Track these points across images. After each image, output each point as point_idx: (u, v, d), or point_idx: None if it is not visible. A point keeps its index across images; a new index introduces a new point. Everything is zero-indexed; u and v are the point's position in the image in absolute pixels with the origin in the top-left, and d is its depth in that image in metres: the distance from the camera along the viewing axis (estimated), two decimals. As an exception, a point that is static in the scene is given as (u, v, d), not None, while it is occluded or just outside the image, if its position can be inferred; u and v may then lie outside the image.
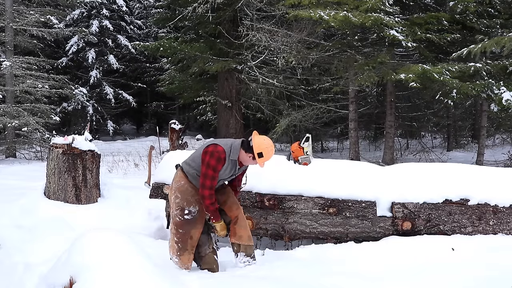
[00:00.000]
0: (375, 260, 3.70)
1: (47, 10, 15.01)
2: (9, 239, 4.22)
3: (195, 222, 3.50)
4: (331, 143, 16.57)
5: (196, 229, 3.51)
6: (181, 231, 3.49)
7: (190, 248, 3.50)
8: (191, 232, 3.49)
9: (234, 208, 3.63)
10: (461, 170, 4.52)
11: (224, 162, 3.39)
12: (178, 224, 3.49)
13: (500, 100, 7.79)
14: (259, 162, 3.41)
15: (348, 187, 4.20)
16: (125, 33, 23.90)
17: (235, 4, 12.33)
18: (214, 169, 3.36)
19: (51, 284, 2.65)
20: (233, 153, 3.44)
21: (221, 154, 3.37)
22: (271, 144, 3.47)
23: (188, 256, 3.51)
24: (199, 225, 3.53)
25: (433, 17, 8.87)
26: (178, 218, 3.50)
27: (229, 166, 3.47)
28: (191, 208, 3.49)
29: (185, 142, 13.24)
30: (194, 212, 3.50)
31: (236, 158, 3.45)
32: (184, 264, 3.52)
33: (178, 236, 3.50)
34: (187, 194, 3.51)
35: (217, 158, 3.35)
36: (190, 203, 3.50)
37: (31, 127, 12.65)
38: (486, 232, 4.11)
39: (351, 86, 9.81)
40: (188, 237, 3.48)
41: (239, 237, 3.60)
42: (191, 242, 3.49)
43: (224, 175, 3.52)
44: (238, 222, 3.61)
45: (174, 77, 17.29)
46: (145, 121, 28.80)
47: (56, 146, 5.17)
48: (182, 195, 3.52)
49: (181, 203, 3.50)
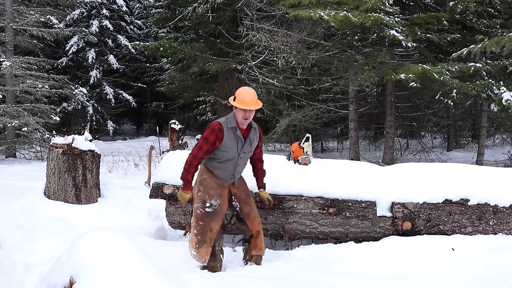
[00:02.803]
0: (375, 260, 3.70)
1: (47, 10, 15.01)
2: (9, 239, 4.22)
3: (215, 215, 3.54)
4: (331, 143, 16.57)
5: (216, 222, 3.55)
6: (201, 223, 3.53)
7: (209, 240, 3.54)
8: (211, 224, 3.53)
9: (256, 223, 3.71)
10: (461, 170, 4.52)
11: (219, 133, 3.41)
12: (199, 217, 3.54)
13: (500, 100, 7.79)
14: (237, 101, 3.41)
15: (348, 187, 4.19)
16: (125, 33, 23.91)
17: (235, 4, 12.34)
18: (206, 139, 3.42)
19: (51, 284, 2.66)
20: (229, 121, 3.48)
21: (215, 125, 3.44)
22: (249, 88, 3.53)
23: (206, 249, 3.54)
24: (219, 219, 3.58)
25: (433, 17, 8.87)
26: (199, 210, 3.54)
27: (232, 136, 3.46)
28: (212, 201, 3.54)
29: (185, 142, 13.23)
30: (215, 206, 3.55)
31: (234, 125, 3.47)
32: (202, 257, 3.55)
33: (198, 229, 3.54)
34: (209, 188, 3.55)
35: (211, 129, 3.43)
36: (211, 196, 3.54)
37: (31, 127, 12.65)
38: (486, 232, 4.11)
39: (351, 86, 9.81)
40: (208, 229, 3.52)
41: (260, 249, 3.73)
42: (210, 235, 3.53)
43: (233, 148, 3.48)
44: (259, 236, 3.72)
45: (174, 77, 17.31)
46: (145, 121, 28.81)
47: (56, 146, 5.17)
48: (204, 188, 3.56)
49: (203, 196, 3.55)
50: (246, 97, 3.41)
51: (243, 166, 3.67)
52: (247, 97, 3.41)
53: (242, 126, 3.50)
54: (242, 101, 3.40)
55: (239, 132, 3.49)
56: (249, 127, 3.55)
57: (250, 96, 3.43)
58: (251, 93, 3.47)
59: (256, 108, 3.46)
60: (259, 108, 3.53)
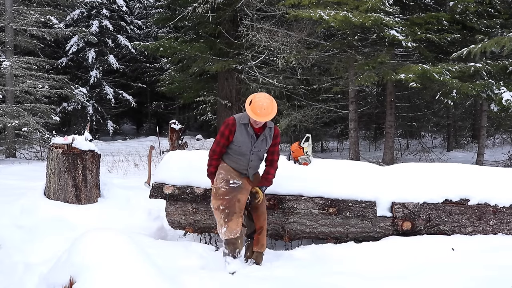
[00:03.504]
0: (375, 260, 3.70)
1: (47, 10, 15.01)
2: (9, 239, 4.21)
3: (240, 188, 3.66)
4: (331, 143, 16.57)
5: (242, 194, 3.66)
6: (227, 197, 3.62)
7: (239, 210, 3.62)
8: (238, 196, 3.63)
9: (262, 219, 3.81)
10: (461, 170, 4.52)
11: (232, 127, 3.59)
12: (225, 193, 3.63)
13: (500, 100, 7.79)
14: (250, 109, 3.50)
15: (348, 187, 4.19)
16: (125, 33, 23.91)
17: (235, 4, 12.34)
18: (222, 133, 3.62)
19: (51, 284, 2.66)
20: (243, 117, 3.63)
21: (229, 120, 3.64)
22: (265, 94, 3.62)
23: (237, 220, 3.60)
24: (245, 192, 3.69)
25: (433, 17, 8.87)
26: (224, 188, 3.64)
27: (243, 132, 3.59)
28: (235, 180, 3.66)
29: (185, 142, 13.24)
30: (238, 182, 3.66)
31: (246, 122, 3.58)
32: (233, 230, 3.59)
33: (224, 203, 3.61)
34: (229, 171, 3.69)
35: (226, 124, 3.63)
36: (233, 177, 3.67)
37: (31, 127, 12.65)
38: (486, 232, 4.11)
39: (351, 86, 9.81)
40: (236, 200, 3.62)
41: (261, 245, 3.81)
42: (239, 205, 3.62)
43: (245, 143, 3.61)
44: (262, 232, 3.80)
45: (174, 77, 17.31)
46: (145, 121, 28.81)
47: (56, 146, 5.16)
48: (225, 171, 3.69)
49: (225, 176, 3.66)
50: (258, 110, 3.48)
51: (257, 163, 3.78)
52: (259, 110, 3.48)
53: (255, 125, 3.62)
54: (255, 111, 3.50)
55: (251, 129, 3.61)
56: (264, 125, 3.66)
57: (265, 109, 3.48)
58: (266, 106, 3.49)
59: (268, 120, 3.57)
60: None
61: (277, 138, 3.78)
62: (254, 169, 3.77)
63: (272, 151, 3.81)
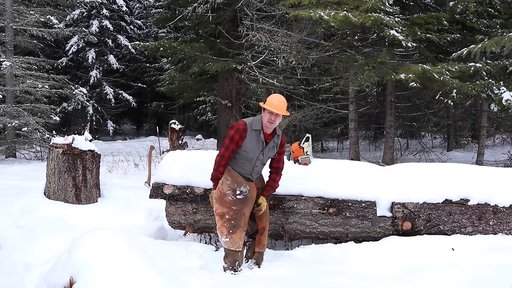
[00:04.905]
0: (375, 260, 3.70)
1: (47, 10, 15.01)
2: (9, 239, 4.21)
3: (246, 200, 3.62)
4: (331, 143, 16.57)
5: (247, 207, 3.64)
6: (234, 208, 3.59)
7: (243, 224, 3.61)
8: (244, 210, 3.62)
9: (264, 220, 3.82)
10: (461, 170, 4.52)
11: (243, 132, 3.53)
12: (232, 203, 3.60)
13: (500, 100, 7.79)
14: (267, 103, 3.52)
15: (348, 187, 4.19)
16: (125, 33, 23.92)
17: (235, 4, 12.33)
18: (232, 138, 3.54)
19: (51, 284, 2.65)
20: (255, 123, 3.59)
21: (240, 125, 3.56)
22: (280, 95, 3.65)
23: (240, 234, 3.60)
24: (250, 204, 3.67)
25: (433, 17, 8.87)
26: (231, 197, 3.60)
27: (254, 138, 3.56)
28: (242, 188, 3.61)
29: (185, 142, 13.25)
30: (245, 192, 3.62)
31: (259, 128, 3.56)
32: (236, 243, 3.59)
33: (231, 214, 3.59)
34: (235, 176, 3.64)
35: (236, 129, 3.54)
36: (240, 184, 3.62)
37: (31, 127, 12.65)
38: (486, 232, 4.11)
39: (351, 86, 9.81)
40: (242, 214, 3.60)
41: (263, 246, 3.82)
42: (244, 219, 3.61)
43: (253, 149, 3.57)
44: (264, 233, 3.81)
45: (174, 77, 17.29)
46: (145, 121, 28.82)
47: (56, 146, 5.16)
48: (231, 178, 3.64)
49: (231, 184, 3.62)
50: (275, 101, 3.54)
51: (261, 168, 3.77)
52: (276, 102, 3.53)
53: (267, 130, 3.59)
54: (271, 104, 3.53)
55: (262, 136, 3.59)
56: (273, 133, 3.65)
57: (280, 102, 3.55)
58: (281, 99, 3.59)
59: (284, 114, 3.59)
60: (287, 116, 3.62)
61: (283, 147, 3.79)
62: (258, 174, 3.77)
63: (278, 159, 3.81)
